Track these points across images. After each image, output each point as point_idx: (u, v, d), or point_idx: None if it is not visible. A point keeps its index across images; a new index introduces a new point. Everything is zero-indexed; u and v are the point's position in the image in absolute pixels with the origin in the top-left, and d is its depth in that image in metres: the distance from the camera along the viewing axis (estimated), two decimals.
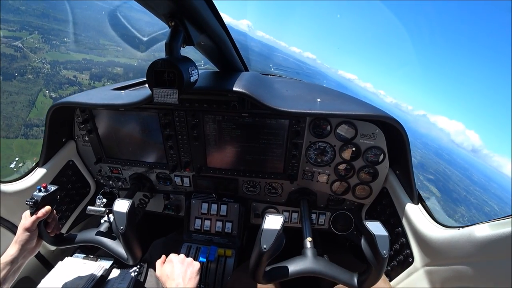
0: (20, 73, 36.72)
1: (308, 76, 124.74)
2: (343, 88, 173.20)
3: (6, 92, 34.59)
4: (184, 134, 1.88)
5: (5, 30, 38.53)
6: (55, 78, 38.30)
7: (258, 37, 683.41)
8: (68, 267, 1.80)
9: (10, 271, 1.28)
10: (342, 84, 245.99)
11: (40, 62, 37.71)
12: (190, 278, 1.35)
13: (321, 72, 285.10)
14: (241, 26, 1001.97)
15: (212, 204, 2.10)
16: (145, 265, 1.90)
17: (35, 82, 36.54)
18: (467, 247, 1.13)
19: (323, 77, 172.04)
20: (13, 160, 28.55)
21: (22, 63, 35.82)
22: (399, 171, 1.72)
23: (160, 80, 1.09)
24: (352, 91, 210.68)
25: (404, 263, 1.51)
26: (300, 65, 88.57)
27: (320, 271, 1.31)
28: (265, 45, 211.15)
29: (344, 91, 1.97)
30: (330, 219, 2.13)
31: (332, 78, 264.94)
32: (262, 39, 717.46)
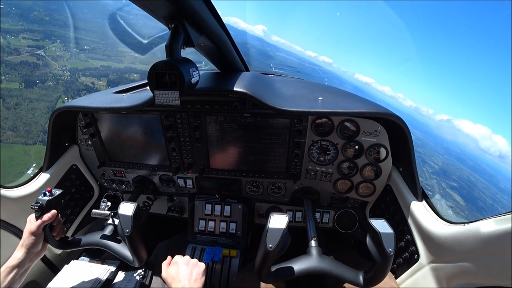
0: (41, 80, 37.58)
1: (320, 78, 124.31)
2: (360, 91, 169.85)
3: (27, 99, 35.29)
4: (186, 136, 1.88)
5: (29, 40, 39.55)
6: (74, 85, 39.12)
7: (273, 41, 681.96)
8: (74, 270, 1.81)
9: (17, 275, 1.30)
10: (359, 88, 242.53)
11: (60, 69, 38.76)
12: (195, 279, 1.36)
13: (337, 75, 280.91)
14: (256, 31, 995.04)
15: (216, 205, 2.11)
16: (150, 268, 1.90)
17: (54, 89, 37.43)
18: (472, 243, 1.12)
19: (339, 81, 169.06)
20: (31, 166, 28.99)
21: (44, 70, 36.96)
22: (403, 168, 1.71)
23: (161, 82, 1.10)
24: (369, 94, 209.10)
25: (410, 260, 1.50)
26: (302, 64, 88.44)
27: (325, 269, 1.31)
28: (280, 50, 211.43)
29: (361, 94, 1.96)
30: (334, 218, 2.13)
31: (349, 82, 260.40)
32: (277, 43, 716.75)
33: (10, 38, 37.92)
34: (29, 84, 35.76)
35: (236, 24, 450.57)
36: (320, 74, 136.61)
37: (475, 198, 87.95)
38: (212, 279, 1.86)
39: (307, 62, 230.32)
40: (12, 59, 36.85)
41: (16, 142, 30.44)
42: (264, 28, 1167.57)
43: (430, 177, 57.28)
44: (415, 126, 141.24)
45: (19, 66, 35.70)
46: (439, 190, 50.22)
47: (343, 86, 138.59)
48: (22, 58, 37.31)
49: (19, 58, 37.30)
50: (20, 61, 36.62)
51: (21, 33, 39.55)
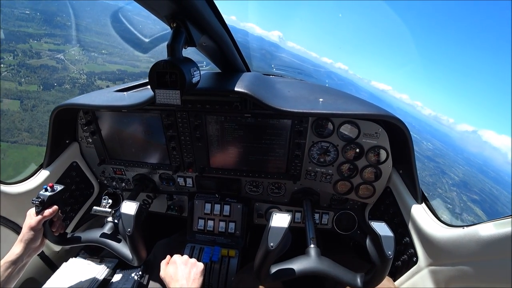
0: (59, 83, 38.15)
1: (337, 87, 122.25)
2: (376, 99, 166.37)
3: (44, 101, 35.73)
4: (187, 135, 1.89)
5: (51, 44, 40.39)
6: (90, 88, 39.69)
7: (289, 47, 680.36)
8: (73, 268, 1.81)
9: (15, 270, 1.31)
10: (375, 95, 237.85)
11: (78, 73, 39.45)
12: (194, 279, 1.36)
13: (352, 82, 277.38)
14: (272, 37, 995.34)
15: (215, 204, 2.11)
16: (148, 266, 1.91)
17: (71, 92, 38.01)
18: (472, 246, 1.12)
19: (355, 88, 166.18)
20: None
21: (62, 74, 37.80)
22: (403, 171, 1.71)
23: (163, 81, 1.10)
24: (385, 102, 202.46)
25: (408, 263, 1.50)
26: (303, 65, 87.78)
27: (324, 270, 1.31)
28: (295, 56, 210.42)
29: (377, 102, 1.96)
30: (333, 219, 2.13)
31: (364, 89, 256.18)
32: (292, 49, 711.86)
33: (32, 42, 38.80)
34: (47, 86, 36.43)
35: (252, 29, 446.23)
36: (336, 81, 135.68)
37: (498, 213, 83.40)
38: (210, 279, 1.86)
39: (323, 68, 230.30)
40: (33, 63, 37.44)
41: (31, 143, 30.76)
42: (280, 34, 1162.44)
43: (450, 189, 55.99)
44: (434, 135, 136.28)
45: (39, 69, 36.38)
46: (459, 203, 48.87)
47: (359, 93, 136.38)
48: (43, 62, 38.04)
49: (40, 61, 38.05)
50: (40, 65, 37.31)
51: (44, 37, 40.49)
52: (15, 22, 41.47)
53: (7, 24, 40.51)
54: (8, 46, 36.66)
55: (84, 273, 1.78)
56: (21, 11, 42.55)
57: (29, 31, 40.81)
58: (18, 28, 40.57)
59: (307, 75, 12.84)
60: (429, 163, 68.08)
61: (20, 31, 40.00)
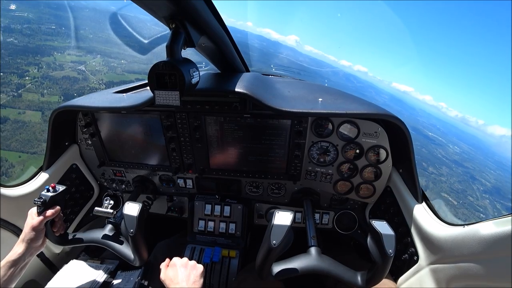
0: (79, 93, 39.13)
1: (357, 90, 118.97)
2: (397, 101, 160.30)
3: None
4: (186, 136, 1.88)
5: (73, 56, 41.88)
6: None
7: (306, 51, 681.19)
8: (74, 269, 1.81)
9: (17, 269, 1.32)
10: (396, 97, 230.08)
11: (97, 83, 40.39)
12: (194, 281, 1.36)
13: (372, 85, 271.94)
14: (289, 41, 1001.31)
15: (216, 205, 2.10)
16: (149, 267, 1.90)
17: None
18: (472, 244, 1.12)
19: (375, 90, 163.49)
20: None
21: (82, 84, 38.66)
22: (403, 170, 1.71)
23: (162, 82, 1.10)
24: (407, 104, 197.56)
25: (409, 262, 1.50)
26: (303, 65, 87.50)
27: (325, 269, 1.31)
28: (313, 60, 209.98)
29: (398, 104, 1.95)
30: (334, 219, 2.13)
31: (385, 91, 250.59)
32: (310, 53, 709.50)
33: (57, 54, 40.22)
34: (67, 97, 37.24)
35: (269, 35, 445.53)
36: (355, 83, 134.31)
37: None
38: (211, 280, 1.85)
39: (342, 71, 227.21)
40: (56, 74, 38.29)
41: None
42: (297, 38, 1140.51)
43: (482, 197, 51.65)
44: (460, 138, 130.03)
45: (61, 81, 37.15)
46: (493, 212, 46.16)
47: (379, 95, 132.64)
48: (65, 73, 38.96)
49: (62, 73, 39.03)
50: (63, 76, 38.17)
51: (67, 50, 42.07)
52: (42, 37, 43.44)
53: (34, 39, 42.20)
54: (34, 59, 37.81)
55: (85, 274, 1.78)
56: (48, 27, 45.27)
57: (54, 44, 42.67)
58: (44, 42, 42.31)
59: (307, 75, 12.80)
60: (457, 168, 64.17)
61: (46, 44, 41.66)
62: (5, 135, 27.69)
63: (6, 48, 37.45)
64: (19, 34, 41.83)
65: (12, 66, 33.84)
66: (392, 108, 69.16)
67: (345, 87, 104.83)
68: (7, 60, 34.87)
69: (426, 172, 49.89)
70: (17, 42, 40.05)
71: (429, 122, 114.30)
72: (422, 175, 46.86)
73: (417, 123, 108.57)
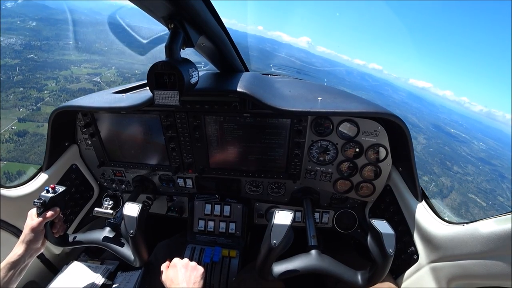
0: None
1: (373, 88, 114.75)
2: (416, 98, 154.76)
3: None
4: (186, 136, 1.88)
5: (89, 68, 43.43)
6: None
7: (318, 52, 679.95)
8: (74, 271, 1.81)
9: (17, 270, 1.32)
10: (414, 94, 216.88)
11: None
12: (194, 282, 1.37)
13: (388, 82, 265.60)
14: (301, 43, 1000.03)
15: (216, 205, 2.11)
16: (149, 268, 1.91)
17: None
18: (472, 243, 1.12)
19: (392, 88, 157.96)
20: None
21: None
22: (402, 168, 1.71)
23: (161, 82, 1.10)
24: (426, 100, 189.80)
25: (409, 261, 1.50)
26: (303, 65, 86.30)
27: (325, 268, 1.31)
28: (327, 61, 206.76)
29: (417, 101, 1.93)
30: (333, 218, 2.13)
31: (402, 88, 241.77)
32: (323, 54, 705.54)
33: (73, 68, 41.69)
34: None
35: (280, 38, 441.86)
36: (370, 82, 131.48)
37: None
38: (211, 280, 1.86)
39: (356, 70, 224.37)
40: (73, 87, 39.54)
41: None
42: (308, 39, 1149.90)
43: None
44: (486, 134, 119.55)
45: (77, 93, 38.40)
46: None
47: (396, 93, 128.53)
48: (81, 86, 40.19)
49: (78, 85, 40.29)
50: (79, 88, 39.32)
51: (83, 63, 43.53)
52: (60, 52, 45.78)
53: (53, 54, 44.12)
54: (52, 73, 39.07)
55: (85, 275, 1.78)
56: (65, 42, 48.06)
57: (71, 58, 44.93)
58: (62, 56, 44.49)
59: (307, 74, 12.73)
60: (484, 167, 59.12)
61: (63, 59, 43.72)
62: (24, 148, 28.22)
63: (27, 64, 39.04)
64: (39, 50, 43.84)
65: (31, 81, 35.01)
66: (411, 105, 71.44)
67: (361, 86, 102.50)
68: (27, 75, 35.97)
69: (450, 171, 47.91)
70: (37, 58, 41.77)
71: (451, 118, 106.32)
72: (447, 175, 44.80)
73: (438, 120, 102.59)
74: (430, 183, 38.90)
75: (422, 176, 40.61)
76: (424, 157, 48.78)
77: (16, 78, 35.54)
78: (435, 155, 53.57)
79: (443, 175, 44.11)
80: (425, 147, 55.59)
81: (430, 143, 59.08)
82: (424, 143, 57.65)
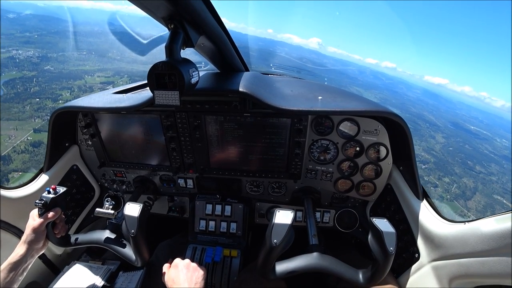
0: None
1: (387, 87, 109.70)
2: (432, 95, 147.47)
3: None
4: (186, 136, 1.89)
5: (102, 77, 44.42)
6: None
7: (330, 53, 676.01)
8: (75, 271, 1.82)
9: (19, 271, 1.33)
10: (430, 91, 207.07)
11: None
12: (196, 282, 1.37)
13: (402, 80, 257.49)
14: (311, 44, 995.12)
15: (216, 205, 2.11)
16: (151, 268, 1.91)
17: None
18: (473, 242, 1.12)
19: (406, 86, 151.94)
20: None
21: None
22: (403, 167, 1.71)
23: (161, 82, 1.10)
24: (443, 97, 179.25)
25: (410, 259, 1.50)
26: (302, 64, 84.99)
27: (326, 267, 1.31)
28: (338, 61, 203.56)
29: (433, 99, 1.91)
30: (334, 217, 2.13)
31: (417, 86, 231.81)
32: (334, 54, 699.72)
33: (87, 77, 42.52)
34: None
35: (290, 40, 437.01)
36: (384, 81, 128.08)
37: None
38: (212, 280, 1.86)
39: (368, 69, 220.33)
40: (86, 96, 41.75)
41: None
42: (319, 40, 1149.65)
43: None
44: (509, 130, 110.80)
45: None
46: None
47: (411, 91, 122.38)
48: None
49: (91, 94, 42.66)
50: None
51: (97, 72, 44.46)
52: (75, 62, 47.24)
53: (68, 65, 45.70)
54: (67, 83, 39.84)
55: (87, 275, 1.79)
56: (80, 53, 50.03)
57: (85, 68, 46.01)
58: (77, 67, 45.81)
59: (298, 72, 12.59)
60: (508, 165, 54.00)
61: (78, 69, 44.93)
62: (39, 159, 28.63)
63: (43, 75, 40.08)
64: (55, 62, 45.37)
65: (47, 92, 35.44)
66: (427, 103, 64.67)
67: (374, 86, 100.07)
68: (44, 86, 36.77)
69: (473, 171, 44.34)
70: (53, 69, 43.07)
71: (470, 114, 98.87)
72: (469, 175, 42.40)
73: (456, 117, 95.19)
74: (452, 185, 37.55)
75: (443, 177, 38.52)
76: (443, 157, 46.38)
77: (33, 89, 36.30)
78: (456, 154, 49.84)
79: (465, 175, 41.62)
80: (444, 146, 51.87)
81: (449, 141, 55.54)
82: (442, 142, 53.59)
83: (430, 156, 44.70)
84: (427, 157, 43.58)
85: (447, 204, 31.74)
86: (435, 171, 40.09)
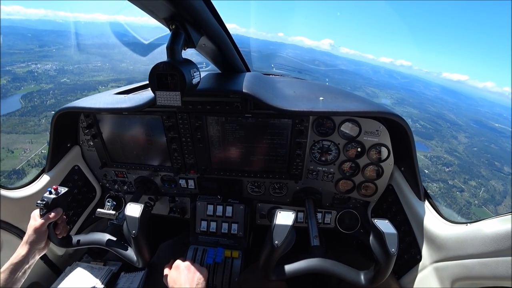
0: None
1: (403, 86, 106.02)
2: (451, 92, 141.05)
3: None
4: (188, 136, 1.89)
5: (115, 87, 47.67)
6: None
7: (342, 54, 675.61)
8: (77, 272, 1.82)
9: (20, 271, 1.32)
10: (448, 88, 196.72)
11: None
12: (197, 284, 1.36)
13: (418, 78, 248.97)
14: (323, 46, 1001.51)
15: (218, 205, 2.10)
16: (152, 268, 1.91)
17: None
18: (475, 243, 1.11)
19: (423, 84, 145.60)
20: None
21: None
22: (404, 168, 1.71)
23: (163, 83, 1.10)
24: (463, 94, 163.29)
25: (412, 261, 1.50)
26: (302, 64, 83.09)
27: (327, 268, 1.31)
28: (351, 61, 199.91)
29: (453, 96, 1.87)
30: (336, 218, 2.12)
31: (435, 83, 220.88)
32: (347, 55, 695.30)
33: (101, 88, 43.21)
34: None
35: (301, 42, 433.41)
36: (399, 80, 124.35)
37: None
38: (214, 280, 1.85)
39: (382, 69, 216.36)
40: None
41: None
42: (331, 41, 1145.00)
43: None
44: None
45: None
46: None
47: (428, 89, 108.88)
48: None
49: None
50: None
51: (110, 83, 45.43)
52: (90, 73, 49.05)
53: (83, 76, 47.43)
54: (81, 94, 40.52)
55: (88, 276, 1.79)
56: (94, 65, 52.18)
57: (99, 79, 47.36)
58: (91, 78, 47.37)
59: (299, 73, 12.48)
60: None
61: (92, 80, 46.41)
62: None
63: (59, 88, 41.70)
64: (71, 74, 47.37)
65: (62, 104, 38.94)
66: (447, 101, 62.63)
67: (390, 85, 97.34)
68: (59, 99, 37.70)
69: (501, 173, 41.13)
70: (69, 81, 44.73)
71: (493, 111, 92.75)
72: (497, 177, 39.57)
73: (478, 115, 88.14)
74: (479, 189, 35.09)
75: (469, 180, 35.94)
76: (468, 158, 43.90)
77: (49, 102, 37.21)
78: (481, 155, 46.28)
79: (493, 177, 38.97)
80: (467, 146, 49.01)
81: (473, 141, 52.76)
82: (466, 143, 50.83)
83: (454, 158, 42.52)
84: (451, 159, 41.55)
85: (475, 211, 29.11)
86: (460, 174, 37.71)
